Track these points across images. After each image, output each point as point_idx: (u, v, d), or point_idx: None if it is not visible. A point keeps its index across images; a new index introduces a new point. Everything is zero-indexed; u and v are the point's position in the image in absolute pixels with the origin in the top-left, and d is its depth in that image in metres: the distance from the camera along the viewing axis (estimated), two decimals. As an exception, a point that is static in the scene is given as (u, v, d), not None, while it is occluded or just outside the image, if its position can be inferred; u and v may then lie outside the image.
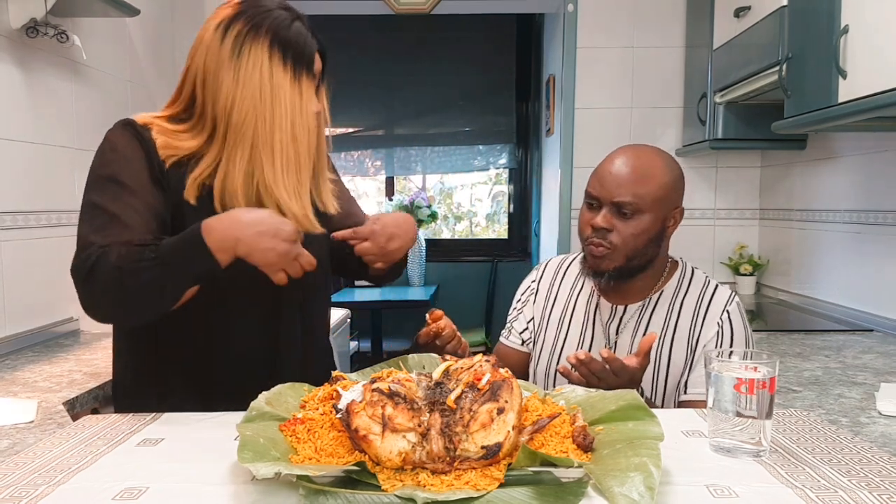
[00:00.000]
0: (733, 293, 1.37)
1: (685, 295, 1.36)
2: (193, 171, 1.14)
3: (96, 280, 1.04)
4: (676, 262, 1.40)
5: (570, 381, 1.15)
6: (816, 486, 0.79)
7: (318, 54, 1.20)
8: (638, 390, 1.21)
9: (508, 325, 1.52)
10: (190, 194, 1.14)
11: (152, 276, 1.02)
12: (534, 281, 1.51)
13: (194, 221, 1.06)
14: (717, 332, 1.32)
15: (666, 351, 1.33)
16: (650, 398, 1.33)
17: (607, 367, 1.13)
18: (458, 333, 1.29)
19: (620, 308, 1.37)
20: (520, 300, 1.52)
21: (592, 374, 1.14)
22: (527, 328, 1.49)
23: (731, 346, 1.31)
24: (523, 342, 1.49)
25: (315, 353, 1.34)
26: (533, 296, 1.50)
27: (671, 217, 1.32)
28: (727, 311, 1.33)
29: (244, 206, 1.13)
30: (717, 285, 1.37)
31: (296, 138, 1.15)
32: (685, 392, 1.32)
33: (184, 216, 1.13)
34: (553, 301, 1.46)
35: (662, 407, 1.34)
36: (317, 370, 1.29)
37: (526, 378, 1.47)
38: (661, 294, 1.36)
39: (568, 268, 1.49)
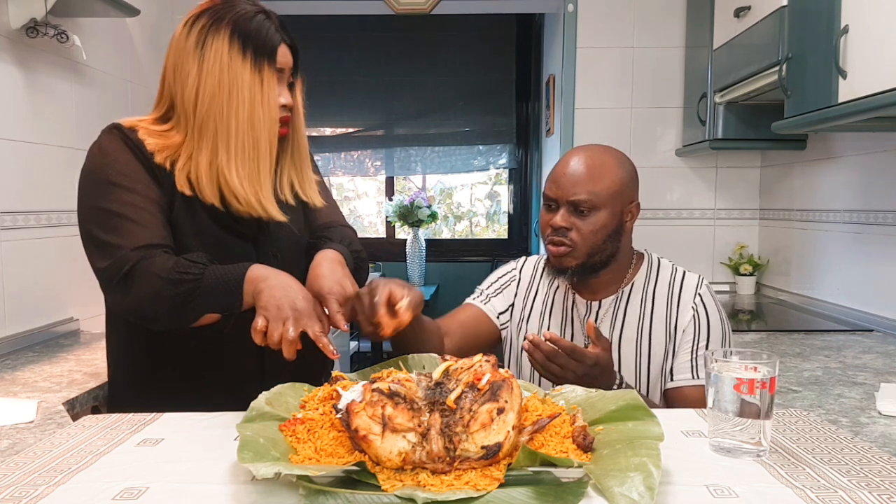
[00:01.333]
0: (701, 277, 1.39)
1: (655, 284, 1.39)
2: (178, 163, 1.18)
3: (134, 283, 1.08)
4: (642, 254, 1.43)
5: (534, 363, 1.16)
6: (816, 486, 0.79)
7: (288, 50, 1.22)
8: (617, 378, 1.23)
9: (483, 294, 1.50)
10: (183, 186, 1.18)
11: (186, 292, 1.07)
12: (514, 269, 1.52)
13: (186, 213, 1.16)
14: (693, 315, 1.34)
15: (645, 341, 1.36)
16: (636, 388, 1.35)
17: (563, 356, 1.14)
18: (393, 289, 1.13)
19: (595, 303, 1.40)
20: (498, 280, 1.51)
21: (549, 362, 1.14)
22: (506, 311, 1.48)
23: (707, 328, 1.33)
24: (499, 319, 1.47)
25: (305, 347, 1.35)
26: (515, 284, 1.50)
27: (628, 211, 1.35)
28: (699, 295, 1.36)
29: (213, 194, 1.17)
30: (684, 272, 1.40)
31: (254, 126, 1.17)
32: (671, 379, 1.34)
33: (178, 208, 1.18)
34: (533, 298, 1.48)
35: (648, 395, 1.36)
36: (310, 365, 1.30)
37: (480, 351, 1.45)
38: (632, 286, 1.39)
39: (545, 267, 1.50)
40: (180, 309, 1.09)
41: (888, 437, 1.09)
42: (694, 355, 1.33)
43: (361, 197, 5.13)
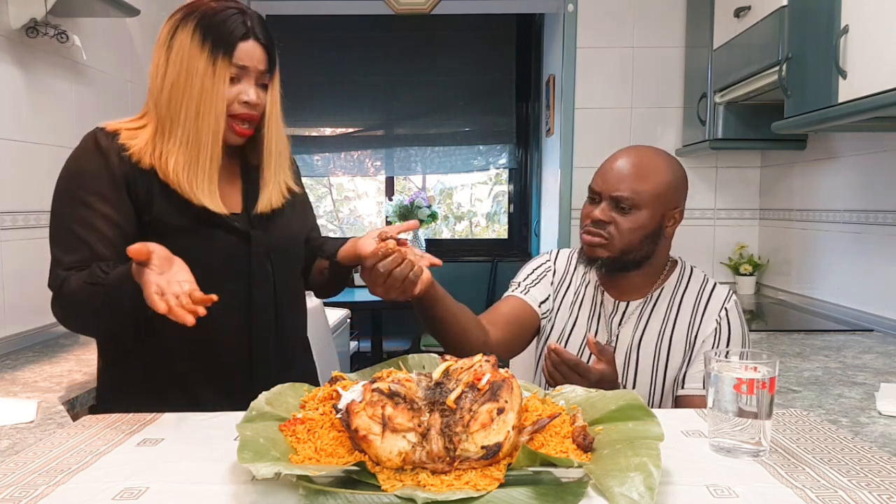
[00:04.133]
0: (731, 291, 1.40)
1: (684, 292, 1.39)
2: (154, 156, 1.20)
3: (62, 298, 1.14)
4: (676, 261, 1.43)
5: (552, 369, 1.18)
6: (816, 486, 0.79)
7: (261, 49, 1.22)
8: (620, 386, 1.23)
9: (521, 286, 1.48)
10: (164, 179, 1.20)
11: (97, 301, 1.10)
12: (548, 261, 1.52)
13: (169, 211, 1.19)
14: (716, 328, 1.34)
15: (665, 346, 1.36)
16: (650, 393, 1.36)
17: (565, 367, 1.15)
18: (413, 259, 1.17)
19: (623, 304, 1.40)
20: (535, 271, 1.50)
21: (556, 371, 1.16)
22: (546, 300, 1.47)
23: (728, 342, 1.34)
24: (541, 308, 1.46)
25: (294, 353, 1.39)
26: (551, 274, 1.49)
27: (670, 216, 1.34)
28: (725, 309, 1.36)
29: (169, 180, 1.19)
30: (715, 283, 1.40)
31: (198, 115, 1.19)
32: (682, 387, 1.34)
33: (159, 209, 1.20)
34: (565, 291, 1.47)
35: (662, 401, 1.36)
36: (297, 369, 1.36)
37: (528, 342, 1.48)
38: (661, 291, 1.39)
39: (577, 261, 1.50)
40: (91, 315, 1.13)
41: (888, 437, 1.09)
42: None
43: (361, 197, 5.13)
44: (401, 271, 1.13)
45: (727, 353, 0.94)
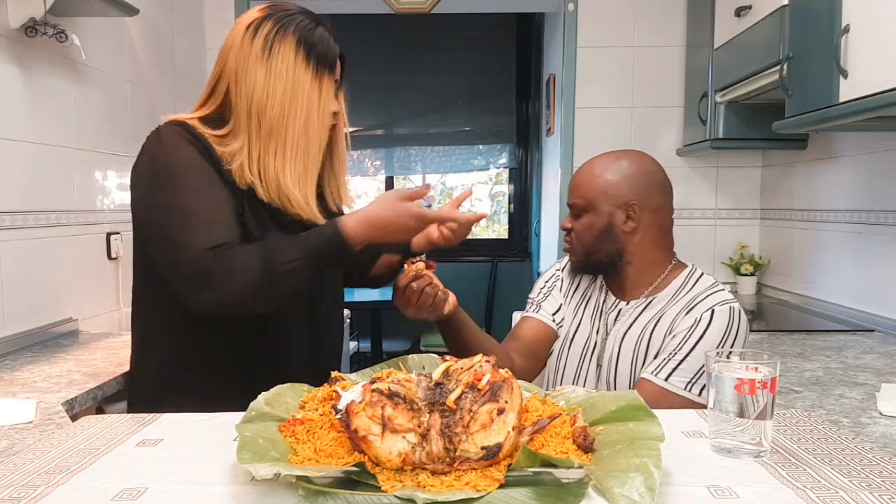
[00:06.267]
0: (730, 300, 1.33)
1: (685, 294, 1.37)
2: (237, 164, 1.21)
3: (233, 281, 1.11)
4: (685, 265, 1.43)
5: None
6: (817, 487, 0.79)
7: (339, 60, 1.28)
8: None
9: (534, 303, 1.56)
10: (246, 185, 1.21)
11: (301, 274, 1.13)
12: (557, 270, 1.58)
13: (252, 212, 1.20)
14: (692, 325, 1.30)
15: (645, 342, 1.35)
16: (630, 386, 1.36)
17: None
18: (440, 284, 1.31)
19: (623, 302, 1.44)
20: (545, 285, 1.57)
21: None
22: (558, 310, 1.53)
23: (699, 339, 1.28)
24: (554, 321, 1.52)
25: (338, 355, 1.43)
26: (559, 283, 1.56)
27: (625, 211, 1.37)
28: (712, 310, 1.30)
29: (272, 194, 1.21)
30: (719, 290, 1.36)
31: (307, 131, 1.23)
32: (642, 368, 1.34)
33: (247, 207, 1.21)
34: (573, 293, 1.53)
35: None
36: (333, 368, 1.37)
37: (546, 358, 1.53)
38: (661, 292, 1.40)
39: None
40: (295, 289, 1.15)
41: (889, 437, 1.09)
42: (668, 356, 1.29)
43: (361, 197, 5.13)
44: (432, 289, 1.27)
45: (728, 353, 0.93)
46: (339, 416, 0.86)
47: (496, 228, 4.98)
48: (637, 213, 1.37)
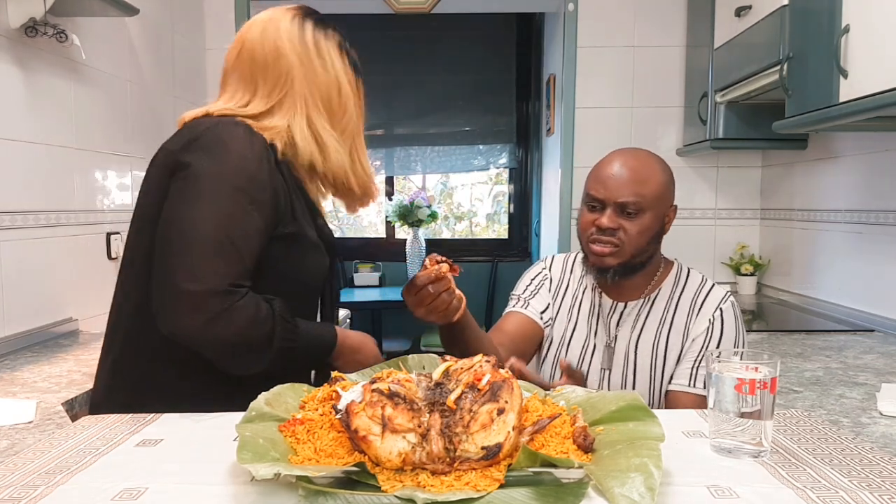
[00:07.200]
0: (728, 293, 1.41)
1: (682, 292, 1.40)
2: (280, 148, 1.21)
3: (228, 327, 1.07)
4: (672, 261, 1.45)
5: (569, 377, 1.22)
6: (817, 487, 0.79)
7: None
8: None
9: (521, 299, 1.50)
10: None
11: (284, 354, 1.13)
12: (544, 269, 1.54)
13: (301, 206, 1.22)
14: (708, 327, 1.36)
15: (662, 347, 1.37)
16: (649, 394, 1.38)
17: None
18: (456, 290, 1.24)
19: (620, 304, 1.42)
20: (532, 282, 1.53)
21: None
22: (546, 309, 1.50)
23: (718, 342, 1.34)
24: (542, 319, 1.49)
25: None
26: (548, 282, 1.52)
27: (667, 214, 1.38)
28: (720, 309, 1.37)
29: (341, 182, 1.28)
30: (713, 284, 1.42)
31: (344, 131, 1.30)
32: (670, 382, 1.36)
33: (296, 201, 1.22)
34: (562, 296, 1.50)
35: (661, 401, 1.37)
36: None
37: (534, 353, 1.51)
38: (658, 292, 1.41)
39: (573, 265, 1.53)
40: (268, 361, 1.12)
41: (889, 437, 1.09)
42: (696, 364, 1.34)
43: (362, 197, 5.12)
44: (448, 295, 1.18)
45: (726, 353, 0.93)
46: (339, 416, 0.86)
47: (496, 228, 4.97)
48: (672, 216, 1.39)
